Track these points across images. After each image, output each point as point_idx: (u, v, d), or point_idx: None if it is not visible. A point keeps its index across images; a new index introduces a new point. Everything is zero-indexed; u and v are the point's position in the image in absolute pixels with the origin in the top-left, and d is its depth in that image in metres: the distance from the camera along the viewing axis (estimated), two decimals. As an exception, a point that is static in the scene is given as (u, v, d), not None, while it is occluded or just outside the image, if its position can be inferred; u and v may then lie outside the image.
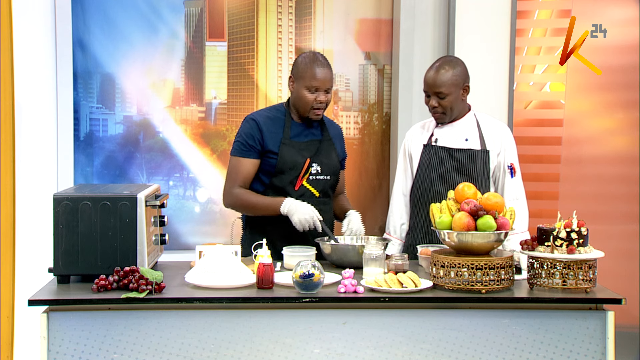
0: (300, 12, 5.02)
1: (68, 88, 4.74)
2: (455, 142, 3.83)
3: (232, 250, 3.21)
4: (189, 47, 4.94)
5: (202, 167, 4.98)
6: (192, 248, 4.10)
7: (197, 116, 4.97)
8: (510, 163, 3.83)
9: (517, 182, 3.84)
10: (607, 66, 4.75)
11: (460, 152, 3.80)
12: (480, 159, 3.80)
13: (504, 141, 3.84)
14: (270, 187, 3.73)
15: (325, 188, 3.78)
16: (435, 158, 3.83)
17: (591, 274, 3.00)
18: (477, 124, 3.86)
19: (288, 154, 3.70)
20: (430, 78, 3.76)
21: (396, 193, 4.00)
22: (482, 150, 3.81)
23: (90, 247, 3.08)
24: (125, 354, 2.88)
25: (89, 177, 4.89)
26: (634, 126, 4.78)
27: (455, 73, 3.75)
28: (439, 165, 3.82)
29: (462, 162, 3.80)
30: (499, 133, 3.85)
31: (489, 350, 2.96)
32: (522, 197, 3.85)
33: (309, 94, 3.67)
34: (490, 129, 3.85)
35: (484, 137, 3.83)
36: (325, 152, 3.79)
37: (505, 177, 3.82)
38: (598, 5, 4.76)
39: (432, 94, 3.77)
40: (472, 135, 3.83)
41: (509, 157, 3.84)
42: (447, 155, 3.82)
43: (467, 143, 3.82)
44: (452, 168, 3.80)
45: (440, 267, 3.04)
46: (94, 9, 4.83)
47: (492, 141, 3.83)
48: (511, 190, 3.81)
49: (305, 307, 2.95)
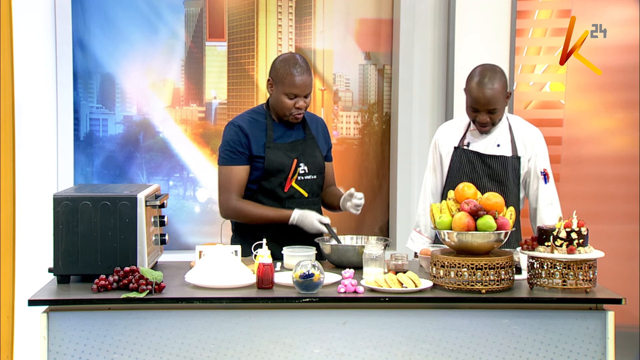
0: (300, 12, 5.02)
1: (68, 88, 4.74)
2: (488, 147, 3.77)
3: (232, 250, 3.21)
4: (189, 47, 4.94)
5: (202, 167, 4.98)
6: (192, 248, 4.10)
7: (197, 116, 4.97)
8: (544, 169, 3.77)
9: (550, 188, 3.79)
10: (607, 66, 4.75)
11: (493, 159, 3.75)
12: (512, 165, 3.75)
13: (536, 147, 3.79)
14: (260, 191, 3.70)
15: (313, 188, 3.76)
16: (466, 162, 3.78)
17: (591, 274, 3.00)
18: (509, 128, 3.80)
19: (275, 157, 3.66)
20: (482, 95, 3.64)
21: (426, 191, 3.92)
22: (514, 156, 3.76)
23: (90, 247, 3.08)
24: (125, 354, 2.88)
25: (89, 177, 4.89)
26: (634, 126, 4.78)
27: (502, 85, 3.67)
28: (470, 170, 3.77)
29: (493, 168, 3.75)
30: (530, 138, 3.79)
31: (489, 350, 2.96)
32: (556, 202, 3.79)
33: (287, 100, 3.62)
34: (522, 134, 3.79)
35: (516, 142, 3.78)
36: (310, 151, 3.76)
37: (539, 183, 3.76)
38: (598, 5, 4.76)
39: (484, 110, 3.66)
40: (504, 140, 3.78)
41: (540, 163, 3.78)
42: (479, 160, 3.76)
43: (499, 149, 3.77)
44: (483, 174, 3.76)
45: (440, 267, 3.04)
46: (94, 9, 4.83)
47: (524, 147, 3.78)
48: (546, 196, 3.76)
49: (305, 307, 2.95)
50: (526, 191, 3.82)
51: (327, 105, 5.06)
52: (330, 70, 5.04)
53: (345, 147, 5.07)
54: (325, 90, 5.06)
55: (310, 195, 3.75)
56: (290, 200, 3.69)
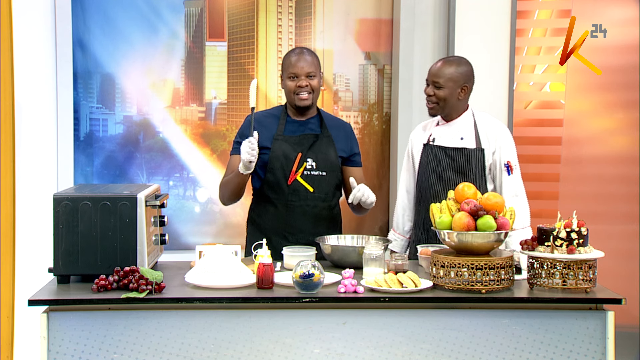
0: (300, 12, 5.02)
1: (68, 88, 4.74)
2: (451, 141, 3.88)
3: (232, 250, 3.21)
4: (189, 47, 4.94)
5: (202, 167, 4.98)
6: (192, 248, 4.11)
7: (197, 116, 4.97)
8: (507, 161, 3.85)
9: (514, 180, 3.86)
10: (607, 66, 4.75)
11: (455, 151, 3.85)
12: (475, 157, 3.84)
13: (500, 139, 3.87)
14: (265, 183, 3.75)
15: (322, 184, 3.76)
16: (432, 157, 3.89)
17: (591, 274, 3.00)
18: (474, 123, 3.89)
19: (279, 149, 3.73)
20: (433, 67, 3.86)
21: (400, 190, 4.07)
22: (477, 148, 3.85)
23: (90, 247, 3.08)
24: (125, 354, 2.88)
25: (89, 177, 4.89)
26: (634, 126, 4.78)
27: (457, 70, 3.81)
28: (435, 164, 3.87)
29: (457, 161, 3.84)
30: (494, 132, 3.88)
31: (489, 350, 2.96)
32: (521, 194, 3.86)
33: (290, 82, 3.75)
34: (486, 128, 3.89)
35: (480, 135, 3.87)
36: (322, 147, 3.78)
37: (503, 175, 3.85)
38: (598, 5, 4.76)
39: (431, 82, 3.84)
40: (468, 134, 3.87)
41: (505, 155, 3.86)
42: (443, 154, 3.86)
43: (462, 142, 3.86)
44: (448, 167, 3.84)
45: (440, 267, 3.04)
46: (94, 9, 4.83)
47: (487, 140, 3.86)
48: (509, 188, 3.84)
49: (305, 307, 2.95)
50: (494, 184, 3.89)
51: (327, 105, 5.06)
52: (330, 70, 5.04)
53: (346, 147, 5.07)
54: (325, 90, 5.06)
55: (317, 191, 3.75)
56: (294, 194, 3.72)
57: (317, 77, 3.76)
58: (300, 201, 3.73)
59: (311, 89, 3.74)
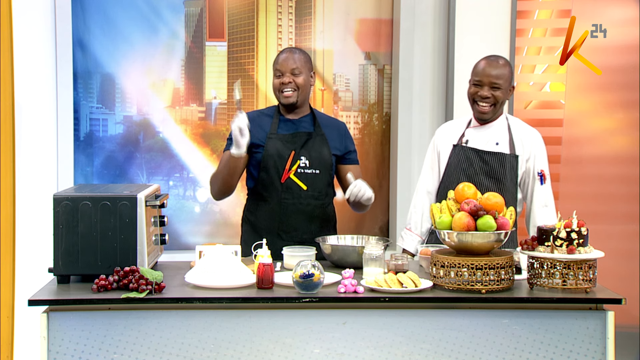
0: (300, 12, 5.02)
1: (68, 88, 4.74)
2: (486, 144, 3.78)
3: (232, 250, 3.21)
4: (189, 47, 4.94)
5: (202, 167, 4.98)
6: (192, 248, 4.11)
7: (197, 116, 4.97)
8: (541, 170, 3.77)
9: (546, 189, 3.78)
10: (607, 66, 4.75)
11: (490, 155, 3.76)
12: (509, 163, 3.75)
13: (534, 147, 3.79)
14: (259, 181, 3.75)
15: (315, 183, 3.77)
16: (464, 159, 3.79)
17: (591, 274, 3.00)
18: (508, 127, 3.81)
19: (272, 147, 3.73)
20: (489, 67, 3.71)
21: (421, 190, 3.94)
22: (512, 154, 3.76)
23: (90, 247, 3.08)
24: (125, 354, 2.88)
25: (89, 177, 4.89)
26: (634, 126, 4.78)
27: (510, 70, 3.75)
28: (467, 166, 3.77)
29: (491, 165, 3.75)
30: (529, 139, 3.80)
31: (489, 350, 2.96)
32: (551, 205, 3.78)
33: (275, 79, 3.78)
34: (521, 134, 3.80)
35: (514, 141, 3.78)
36: (315, 146, 3.78)
37: (535, 184, 3.76)
38: (598, 5, 4.76)
39: (488, 83, 3.70)
40: (502, 139, 3.79)
41: (538, 164, 3.78)
42: (477, 157, 3.77)
43: (497, 147, 3.77)
44: (480, 171, 3.76)
45: (440, 267, 3.04)
46: (94, 9, 4.83)
47: (522, 146, 3.78)
48: (540, 197, 3.76)
49: (305, 307, 2.95)
50: (523, 192, 3.81)
51: (327, 105, 5.06)
52: (330, 70, 5.05)
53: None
54: (325, 90, 5.06)
55: (310, 189, 3.75)
56: (288, 191, 3.72)
57: (303, 75, 3.74)
58: (294, 199, 3.73)
59: (296, 86, 3.73)
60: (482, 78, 3.70)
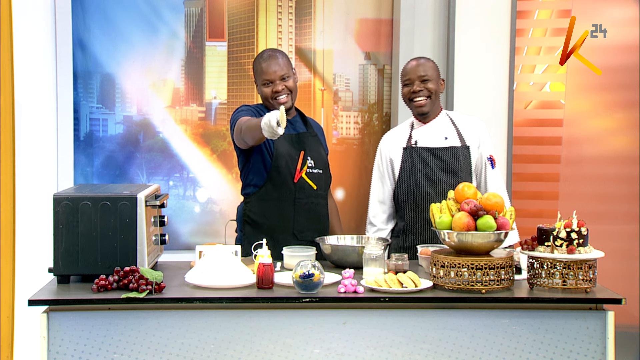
0: (300, 12, 5.01)
1: (68, 88, 4.74)
2: (436, 141, 3.89)
3: (232, 250, 3.21)
4: (189, 47, 4.94)
5: (202, 167, 4.98)
6: (192, 248, 4.10)
7: (197, 116, 4.97)
8: (489, 155, 3.91)
9: (497, 173, 3.93)
10: (607, 66, 4.75)
11: (443, 151, 3.86)
12: (463, 154, 3.86)
13: (481, 134, 3.93)
14: (270, 181, 3.75)
15: (320, 182, 3.81)
16: (418, 159, 3.87)
17: (591, 274, 3.00)
18: (451, 121, 3.94)
19: (282, 147, 3.74)
20: (413, 65, 3.92)
21: (373, 202, 4.01)
22: (463, 146, 3.88)
23: (90, 247, 3.08)
24: (125, 354, 2.88)
25: (89, 177, 4.89)
26: (634, 126, 4.77)
27: (434, 64, 3.94)
28: (423, 166, 3.86)
29: (445, 161, 3.85)
30: (474, 127, 3.94)
31: (489, 350, 2.96)
32: (503, 188, 3.93)
33: (266, 88, 3.79)
34: (465, 125, 3.94)
35: (462, 133, 3.91)
36: (314, 146, 3.83)
37: (487, 169, 3.88)
38: (598, 5, 4.76)
39: (416, 78, 3.87)
40: (450, 133, 3.91)
41: (487, 149, 3.92)
42: (430, 155, 3.87)
43: (447, 141, 3.89)
44: (436, 167, 3.85)
45: (440, 267, 3.04)
46: (94, 9, 4.83)
47: (470, 136, 3.91)
48: (493, 182, 3.90)
49: (305, 307, 2.95)
50: (478, 179, 3.92)
51: (327, 105, 5.06)
52: (330, 70, 5.04)
53: (345, 147, 5.07)
54: (325, 90, 5.06)
55: (319, 189, 3.79)
56: (301, 191, 3.74)
57: (291, 77, 3.77)
58: (307, 199, 3.77)
59: (288, 90, 3.76)
60: (410, 75, 3.90)
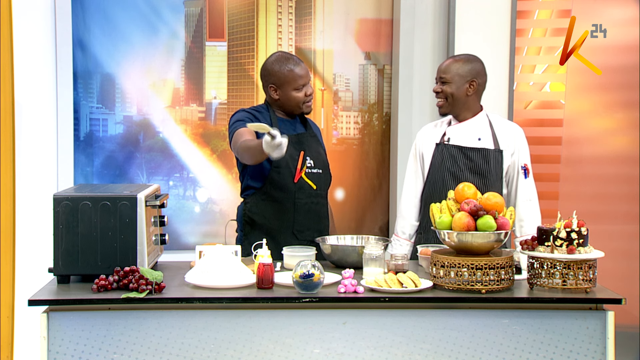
0: (300, 12, 5.02)
1: (68, 88, 4.74)
2: (468, 141, 3.80)
3: (232, 250, 3.21)
4: (189, 47, 4.94)
5: (202, 167, 4.98)
6: (192, 248, 4.11)
7: (197, 116, 4.97)
8: (524, 164, 3.81)
9: (530, 183, 3.82)
10: (607, 66, 4.75)
11: (474, 151, 3.78)
12: (494, 158, 3.77)
13: (518, 141, 3.82)
14: (270, 181, 3.74)
15: (320, 182, 3.81)
16: (448, 157, 3.80)
17: (591, 274, 3.00)
18: (489, 123, 3.84)
19: None
20: (442, 64, 3.85)
21: (406, 195, 3.95)
22: (496, 149, 3.78)
23: (90, 247, 3.08)
24: (125, 354, 2.88)
25: (89, 177, 4.89)
26: (634, 126, 4.78)
27: (464, 65, 3.78)
28: (451, 164, 3.78)
29: (475, 161, 3.77)
30: (512, 133, 3.83)
31: (489, 350, 2.96)
32: (534, 199, 3.82)
33: (298, 93, 3.76)
34: (503, 129, 3.83)
35: (497, 137, 3.80)
36: (314, 146, 3.83)
37: (519, 178, 3.79)
38: (598, 5, 4.76)
39: (437, 78, 3.82)
40: (484, 134, 3.81)
41: (522, 158, 3.81)
42: (461, 154, 3.79)
43: (480, 142, 3.79)
44: (465, 167, 3.77)
45: (440, 267, 3.04)
46: (94, 9, 4.83)
47: (505, 141, 3.80)
48: (524, 191, 3.78)
49: (305, 307, 2.95)
50: (508, 187, 3.84)
51: (327, 105, 5.06)
52: (330, 70, 5.05)
53: (345, 147, 5.07)
54: (325, 90, 5.06)
55: (319, 188, 3.80)
56: (301, 191, 3.74)
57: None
58: (307, 199, 3.76)
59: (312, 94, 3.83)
60: (437, 74, 3.84)
